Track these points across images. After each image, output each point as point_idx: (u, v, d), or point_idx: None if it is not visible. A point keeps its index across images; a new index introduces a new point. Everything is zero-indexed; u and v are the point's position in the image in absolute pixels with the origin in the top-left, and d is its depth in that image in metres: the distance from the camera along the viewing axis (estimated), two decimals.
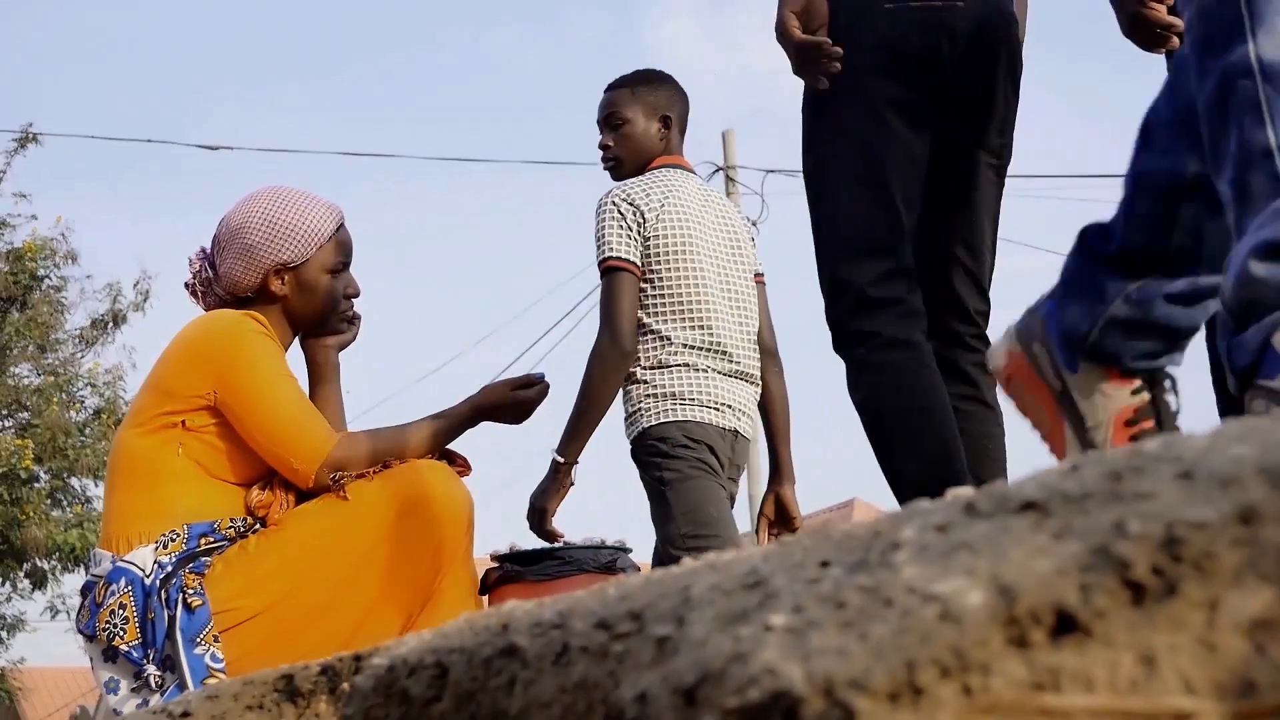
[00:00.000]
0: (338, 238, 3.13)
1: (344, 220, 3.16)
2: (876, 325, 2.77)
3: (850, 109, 2.83)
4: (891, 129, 2.83)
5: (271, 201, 3.09)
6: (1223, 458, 0.65)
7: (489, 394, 3.12)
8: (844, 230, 2.84)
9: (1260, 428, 0.71)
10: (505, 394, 3.10)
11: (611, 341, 3.48)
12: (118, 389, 16.90)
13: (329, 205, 3.14)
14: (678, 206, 3.58)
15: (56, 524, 16.08)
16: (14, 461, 15.47)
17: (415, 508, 2.84)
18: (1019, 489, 0.71)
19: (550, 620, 0.85)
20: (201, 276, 3.13)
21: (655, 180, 3.64)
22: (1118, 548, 0.59)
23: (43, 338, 16.82)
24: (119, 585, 2.77)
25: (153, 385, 2.98)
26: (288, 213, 3.07)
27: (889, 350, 2.76)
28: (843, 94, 2.80)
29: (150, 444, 2.90)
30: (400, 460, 2.90)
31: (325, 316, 3.14)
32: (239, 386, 2.89)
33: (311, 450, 2.88)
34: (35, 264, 16.65)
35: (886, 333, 2.76)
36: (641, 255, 3.54)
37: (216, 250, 3.11)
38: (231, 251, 3.07)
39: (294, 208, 3.09)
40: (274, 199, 3.10)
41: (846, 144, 2.85)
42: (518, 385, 3.11)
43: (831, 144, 2.87)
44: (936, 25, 2.83)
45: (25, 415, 16.58)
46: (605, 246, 3.53)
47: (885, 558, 0.67)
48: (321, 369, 3.22)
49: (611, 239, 3.52)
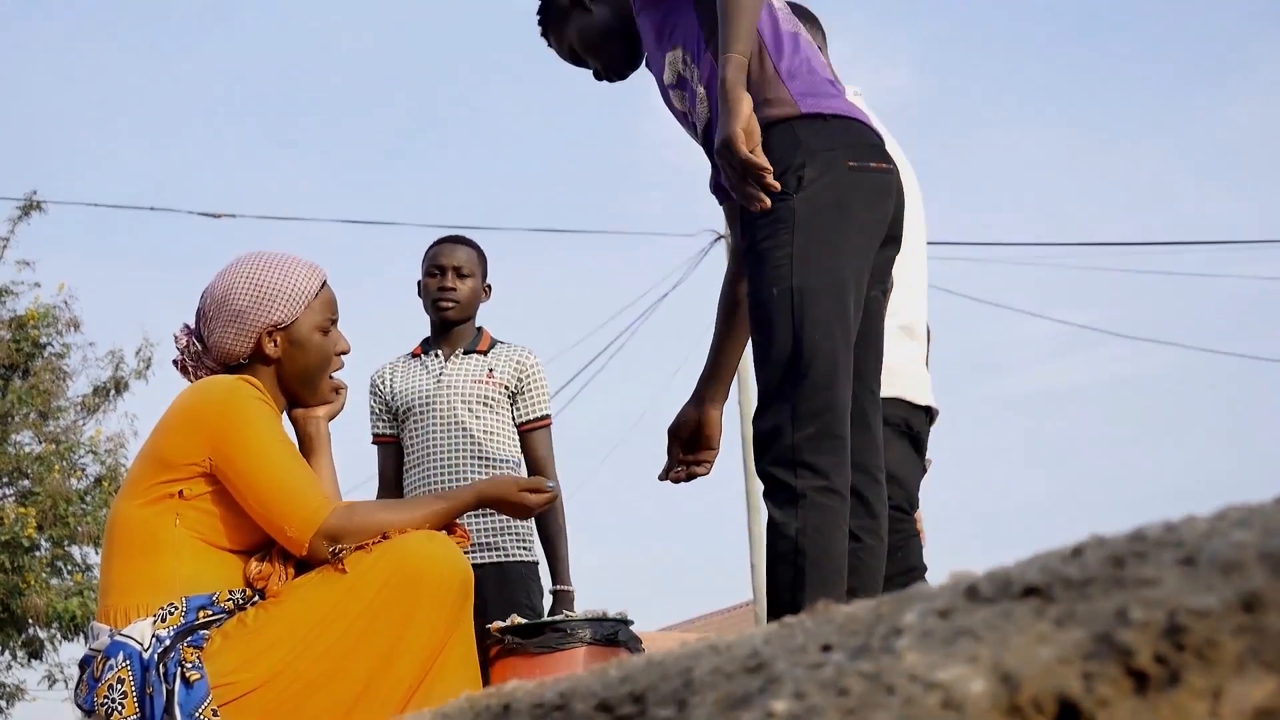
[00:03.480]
0: (323, 295, 3.15)
1: (327, 279, 3.18)
2: (829, 466, 2.78)
3: (829, 249, 2.87)
4: (857, 280, 2.92)
5: (254, 266, 3.11)
6: (1224, 543, 0.65)
7: (496, 487, 3.14)
8: (823, 356, 2.82)
9: (1262, 512, 0.71)
10: (512, 491, 3.15)
11: None
12: (119, 456, 16.88)
13: (311, 265, 3.17)
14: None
15: (57, 592, 16.01)
16: (16, 529, 15.42)
17: (415, 579, 2.82)
18: (1021, 573, 0.71)
19: (552, 701, 0.84)
20: (190, 351, 3.13)
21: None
22: (1120, 635, 0.59)
23: (45, 405, 16.81)
24: (117, 660, 2.75)
25: (149, 455, 2.97)
26: (272, 275, 3.09)
27: (832, 496, 2.78)
28: (819, 231, 2.86)
29: (148, 515, 2.88)
30: (399, 533, 2.89)
31: (320, 374, 3.15)
32: (234, 452, 2.88)
33: (306, 517, 2.87)
34: (38, 331, 16.67)
35: (834, 478, 2.79)
36: None
37: (202, 323, 3.12)
38: (220, 321, 3.08)
39: (278, 269, 3.11)
40: (256, 264, 3.11)
41: (829, 278, 2.86)
42: (525, 487, 3.16)
43: (815, 274, 2.86)
44: (889, 186, 3.01)
45: (26, 483, 16.53)
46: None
47: (887, 643, 0.67)
48: (313, 440, 3.21)
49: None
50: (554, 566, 4.47)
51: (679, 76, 3.17)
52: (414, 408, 4.50)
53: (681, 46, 3.14)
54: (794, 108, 2.95)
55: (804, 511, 2.75)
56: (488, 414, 4.46)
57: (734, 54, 2.84)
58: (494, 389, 4.48)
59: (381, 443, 4.62)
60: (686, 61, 3.13)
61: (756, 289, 2.90)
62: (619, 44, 3.44)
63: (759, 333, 2.90)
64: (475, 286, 4.60)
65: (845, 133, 2.98)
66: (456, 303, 4.55)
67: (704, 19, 3.09)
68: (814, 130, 2.93)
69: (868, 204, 2.96)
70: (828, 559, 2.76)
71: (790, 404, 2.81)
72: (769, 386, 2.86)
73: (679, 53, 3.15)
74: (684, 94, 3.19)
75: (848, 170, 2.93)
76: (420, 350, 4.64)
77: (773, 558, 2.79)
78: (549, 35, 3.57)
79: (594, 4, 3.45)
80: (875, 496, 3.04)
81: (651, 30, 3.23)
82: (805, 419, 2.80)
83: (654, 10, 3.20)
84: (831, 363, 2.82)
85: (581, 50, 3.49)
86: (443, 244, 4.67)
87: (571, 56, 3.55)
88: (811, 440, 2.79)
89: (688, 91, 3.17)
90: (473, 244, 4.67)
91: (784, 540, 2.76)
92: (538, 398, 4.55)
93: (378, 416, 4.63)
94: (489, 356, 4.55)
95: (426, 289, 4.62)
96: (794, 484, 2.77)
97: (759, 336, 2.90)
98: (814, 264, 2.84)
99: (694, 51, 3.11)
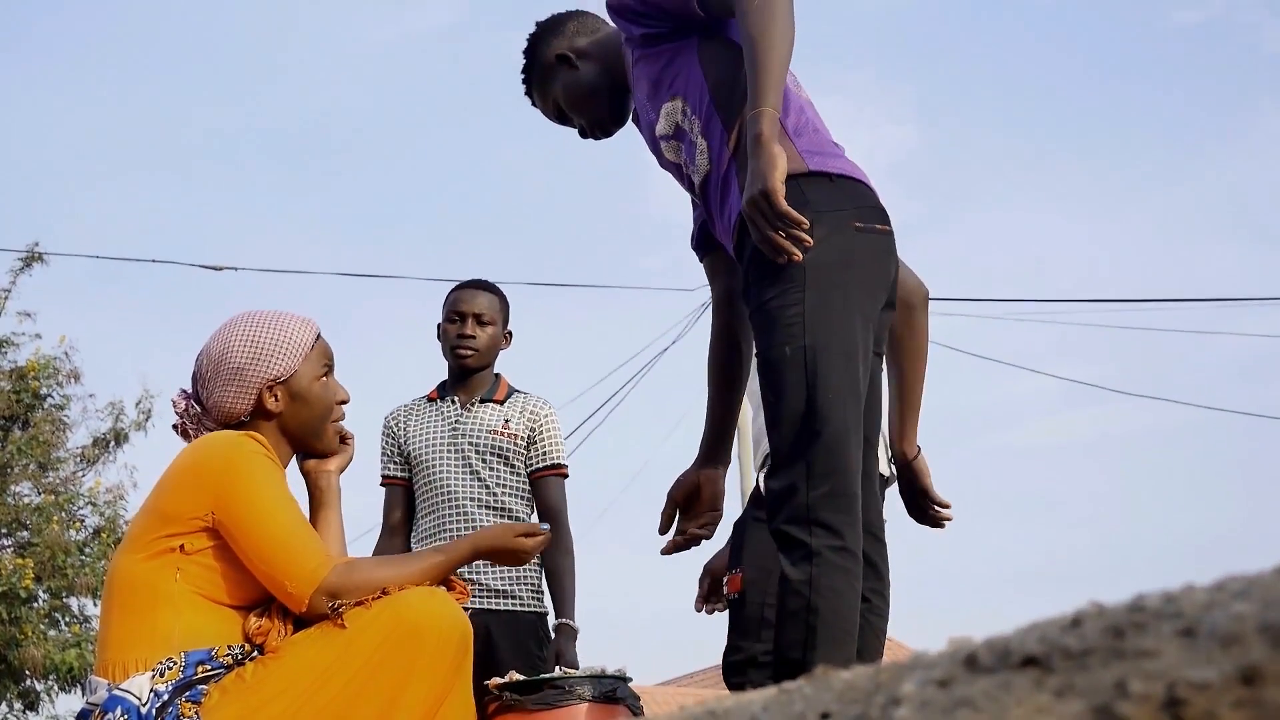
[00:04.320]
0: (319, 346, 3.18)
1: (320, 331, 3.20)
2: (843, 525, 2.78)
3: (840, 309, 2.88)
4: (865, 340, 2.92)
5: (248, 324, 3.14)
6: (1224, 615, 0.65)
7: (491, 536, 3.14)
8: (836, 415, 2.82)
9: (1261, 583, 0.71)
10: (508, 538, 3.14)
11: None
12: (118, 508, 16.86)
13: (304, 319, 3.20)
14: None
15: (54, 644, 15.94)
16: (14, 581, 15.38)
17: (413, 634, 2.82)
18: (1020, 642, 0.71)
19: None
20: (190, 415, 3.15)
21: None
22: (1120, 708, 0.59)
23: (44, 456, 16.79)
24: (115, 714, 2.74)
25: (151, 509, 2.97)
26: (267, 330, 3.12)
27: (846, 555, 2.78)
28: (829, 290, 2.87)
29: (148, 569, 2.88)
30: (399, 588, 2.89)
31: (323, 424, 3.16)
32: (236, 507, 2.88)
33: (306, 574, 2.86)
34: (38, 383, 16.68)
35: (849, 537, 2.79)
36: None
37: (200, 385, 3.14)
38: (219, 380, 3.09)
39: (272, 325, 3.13)
40: (249, 322, 3.14)
41: (841, 337, 2.87)
42: (520, 533, 3.15)
43: (827, 333, 2.86)
44: (891, 249, 3.03)
45: (25, 534, 16.50)
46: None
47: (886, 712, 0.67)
48: (324, 494, 3.22)
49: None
50: (558, 602, 4.40)
51: (676, 127, 3.18)
52: (428, 454, 4.45)
53: (682, 97, 3.15)
54: (801, 164, 2.96)
55: (818, 569, 2.75)
56: (501, 465, 4.41)
57: (767, 108, 2.85)
58: (509, 440, 4.44)
59: (390, 484, 4.56)
60: (686, 113, 3.14)
61: (767, 348, 2.90)
62: (606, 100, 3.45)
63: (771, 391, 2.89)
64: (495, 334, 4.53)
65: (851, 193, 2.99)
66: (476, 351, 4.48)
67: (708, 72, 3.11)
68: (821, 189, 2.93)
69: (873, 265, 2.97)
70: (839, 618, 2.75)
71: (805, 462, 2.80)
72: (783, 445, 2.85)
73: (678, 103, 3.16)
74: (680, 145, 3.20)
75: (855, 231, 2.94)
76: (436, 394, 4.59)
77: (784, 614, 2.79)
78: (533, 94, 3.59)
79: (580, 60, 3.47)
80: (880, 557, 3.06)
81: (647, 81, 3.24)
82: (820, 478, 2.79)
83: (652, 62, 3.21)
84: (844, 422, 2.83)
85: (568, 107, 3.50)
86: (464, 289, 4.59)
87: (557, 114, 3.55)
88: (826, 499, 2.79)
89: (685, 143, 3.18)
90: (495, 289, 4.60)
91: (796, 597, 2.75)
92: (551, 446, 4.49)
93: (389, 458, 4.57)
94: (505, 406, 4.50)
95: (446, 334, 4.55)
96: (809, 542, 2.76)
97: (771, 395, 2.89)
98: (826, 323, 2.85)
99: (695, 103, 3.12)
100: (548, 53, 3.51)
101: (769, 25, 2.91)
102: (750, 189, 2.82)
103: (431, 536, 4.32)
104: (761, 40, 2.90)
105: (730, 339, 3.43)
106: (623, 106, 3.46)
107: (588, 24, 3.55)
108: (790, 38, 2.94)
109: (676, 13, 3.14)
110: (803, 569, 2.76)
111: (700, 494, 3.39)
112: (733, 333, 3.43)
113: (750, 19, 2.93)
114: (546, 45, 3.52)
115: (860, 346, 2.89)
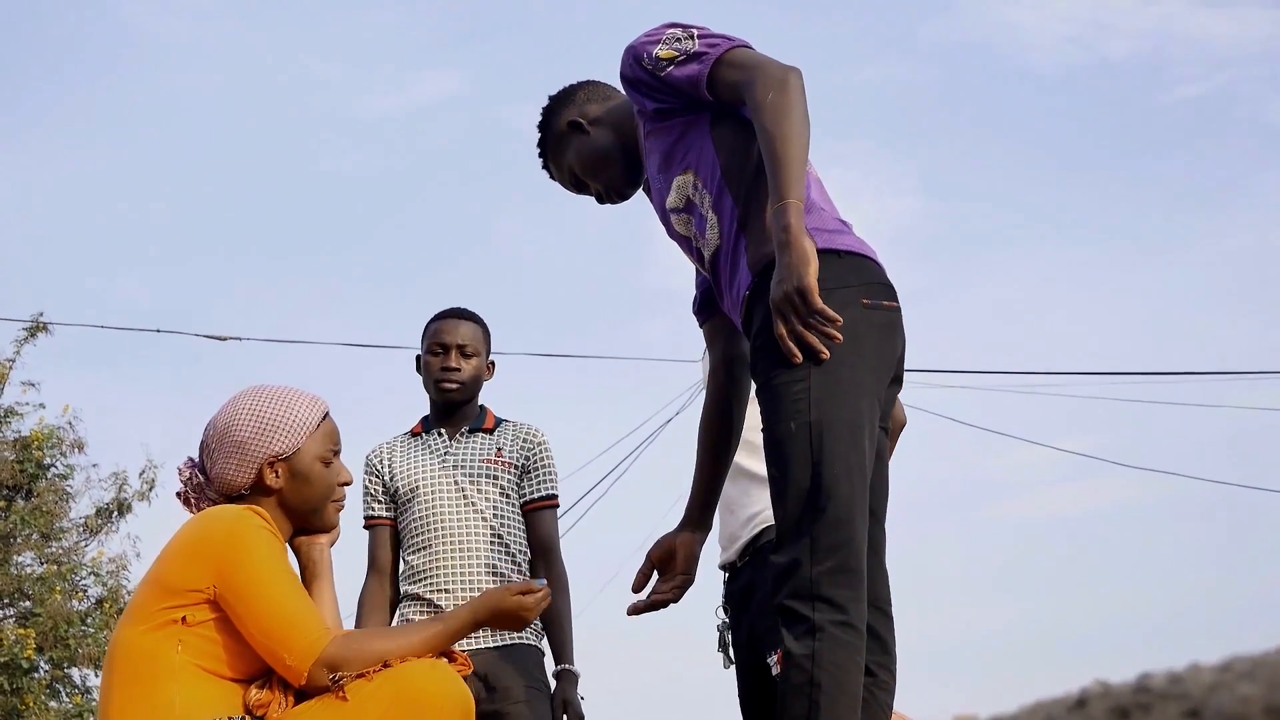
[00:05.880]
0: (325, 427, 3.18)
1: (329, 411, 3.20)
2: (847, 600, 2.77)
3: (846, 385, 2.88)
4: (871, 416, 2.93)
5: (256, 399, 3.15)
6: (1230, 696, 0.64)
7: (489, 601, 3.12)
8: (842, 490, 2.82)
9: (1266, 664, 0.70)
10: (507, 600, 3.12)
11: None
12: (121, 578, 16.78)
13: (313, 397, 3.20)
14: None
15: (55, 715, 15.85)
16: (16, 651, 15.31)
17: (415, 707, 2.81)
18: None
19: None
20: (193, 484, 3.16)
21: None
22: None
23: (47, 526, 16.74)
24: None
25: (153, 581, 2.96)
26: (274, 407, 3.13)
27: (850, 631, 2.77)
28: (836, 367, 2.87)
29: (150, 641, 2.88)
30: (399, 660, 2.87)
31: (322, 504, 3.16)
32: (237, 580, 2.88)
33: (306, 647, 2.85)
34: (42, 453, 16.66)
35: (852, 613, 2.78)
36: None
37: (205, 455, 3.15)
38: (222, 452, 3.10)
39: (279, 402, 3.14)
40: (257, 396, 3.15)
41: (847, 413, 2.86)
42: (518, 592, 3.14)
43: (833, 409, 2.85)
44: (898, 325, 3.05)
45: (27, 604, 16.43)
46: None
47: None
48: (316, 566, 3.21)
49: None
50: (557, 645, 4.22)
51: (687, 200, 3.19)
52: (419, 488, 4.21)
53: (694, 171, 3.16)
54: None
55: (821, 645, 2.73)
56: (496, 494, 4.18)
57: (792, 200, 2.85)
58: (502, 468, 4.22)
59: (376, 525, 4.29)
60: (697, 186, 3.16)
61: (773, 424, 2.89)
62: (619, 164, 3.47)
63: (775, 466, 2.88)
64: (479, 365, 4.34)
65: (859, 270, 2.99)
66: (461, 384, 4.28)
67: (720, 147, 3.13)
68: (828, 266, 2.91)
69: (880, 342, 2.97)
70: (843, 694, 2.73)
71: (809, 538, 2.79)
72: (787, 520, 2.84)
73: (689, 177, 3.17)
74: (690, 218, 3.21)
75: (862, 308, 2.93)
76: (420, 429, 4.38)
77: (786, 690, 2.77)
78: (550, 165, 3.61)
79: (592, 126, 3.50)
80: (887, 631, 3.04)
81: (659, 154, 3.26)
82: (824, 553, 2.78)
83: (664, 136, 3.23)
84: (850, 498, 2.82)
85: (582, 173, 3.53)
86: (445, 319, 4.39)
87: (574, 182, 3.58)
88: (830, 574, 2.77)
89: (695, 216, 3.19)
90: (477, 318, 4.42)
91: (799, 672, 2.74)
92: (545, 476, 4.27)
93: (374, 498, 4.30)
94: (495, 435, 4.30)
95: (428, 367, 4.34)
96: (812, 617, 2.75)
97: (776, 470, 2.88)
98: (831, 399, 2.84)
99: (706, 177, 3.14)
100: (560, 122, 3.55)
101: (785, 117, 2.93)
102: (784, 284, 2.82)
103: (425, 575, 4.10)
104: (778, 133, 2.92)
105: (723, 406, 3.46)
106: (635, 170, 3.48)
107: (598, 91, 3.58)
108: (806, 127, 2.96)
109: (689, 94, 3.17)
110: (805, 644, 2.74)
111: (675, 557, 3.40)
112: (726, 399, 3.45)
113: (766, 114, 2.95)
114: (558, 115, 3.56)
115: (866, 423, 2.89)
